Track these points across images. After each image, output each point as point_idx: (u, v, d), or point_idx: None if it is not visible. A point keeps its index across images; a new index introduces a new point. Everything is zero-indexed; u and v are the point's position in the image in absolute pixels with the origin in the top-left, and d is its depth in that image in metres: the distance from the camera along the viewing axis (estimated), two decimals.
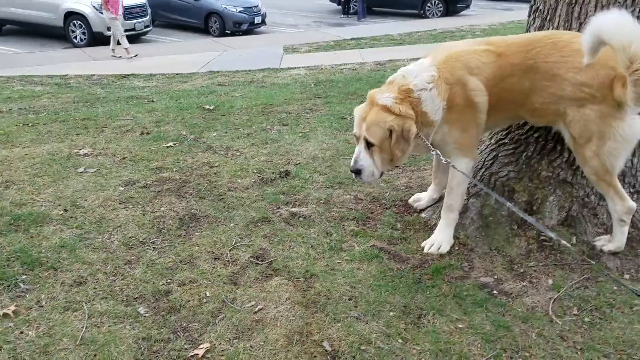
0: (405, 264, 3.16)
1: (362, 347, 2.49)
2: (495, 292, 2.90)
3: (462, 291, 2.88)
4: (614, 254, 3.09)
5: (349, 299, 2.84)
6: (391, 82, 3.05)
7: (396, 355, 2.44)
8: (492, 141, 3.63)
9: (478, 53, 2.98)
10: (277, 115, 6.06)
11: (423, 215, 3.68)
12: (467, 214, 3.43)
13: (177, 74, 11.32)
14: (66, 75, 10.97)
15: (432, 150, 3.04)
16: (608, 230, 3.20)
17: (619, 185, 3.00)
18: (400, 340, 2.54)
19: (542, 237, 3.22)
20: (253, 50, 14.48)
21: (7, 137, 5.08)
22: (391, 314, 2.72)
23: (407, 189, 4.02)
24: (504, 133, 3.56)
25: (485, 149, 3.67)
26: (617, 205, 3.00)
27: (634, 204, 3.01)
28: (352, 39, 15.72)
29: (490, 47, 2.99)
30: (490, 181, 3.48)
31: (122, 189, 4.03)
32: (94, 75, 11.19)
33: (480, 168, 3.58)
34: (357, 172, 3.04)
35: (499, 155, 3.52)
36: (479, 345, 2.51)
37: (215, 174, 4.32)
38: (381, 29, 17.99)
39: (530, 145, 3.41)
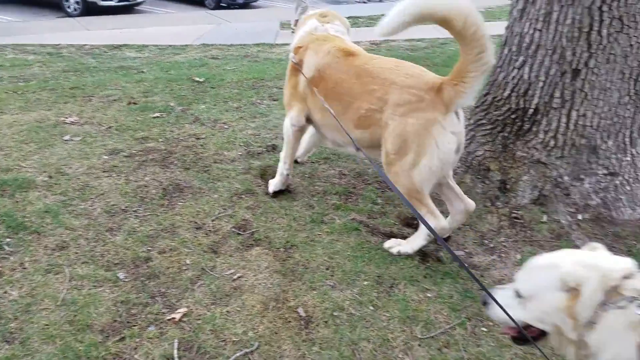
0: (382, 236, 3.25)
1: (335, 313, 2.59)
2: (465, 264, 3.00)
3: (433, 263, 2.98)
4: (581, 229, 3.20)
5: (326, 269, 2.93)
6: None
7: (366, 321, 2.55)
8: (471, 121, 3.70)
9: (336, 44, 3.24)
10: (267, 89, 6.09)
11: None
12: None
13: (170, 46, 11.23)
14: (58, 44, 10.86)
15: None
16: (579, 210, 3.30)
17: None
18: (371, 307, 2.64)
19: (513, 215, 3.32)
20: (249, 25, 14.37)
21: None
22: (365, 283, 2.82)
23: None
24: (483, 114, 3.63)
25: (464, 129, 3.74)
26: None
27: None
28: (349, 18, 15.61)
29: (345, 49, 3.21)
30: (467, 160, 3.56)
31: (106, 157, 4.08)
32: (87, 45, 11.08)
33: None
34: None
35: (477, 135, 3.60)
36: (445, 314, 2.62)
37: (201, 145, 4.37)
38: (383, 8, 17.83)
39: (507, 126, 3.49)
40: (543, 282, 1.59)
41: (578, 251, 1.69)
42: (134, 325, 2.48)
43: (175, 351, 2.34)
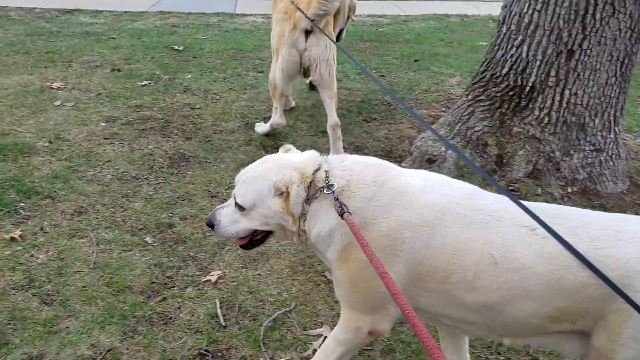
0: None
1: None
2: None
3: None
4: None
5: None
6: None
7: None
8: (469, 97, 3.90)
9: None
10: (250, 61, 6.06)
11: (403, 164, 3.93)
12: (444, 164, 3.72)
13: (126, 12, 10.79)
14: (6, 6, 10.22)
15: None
16: (568, 184, 3.59)
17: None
18: None
19: (510, 187, 3.56)
20: None
21: None
22: None
23: (387, 140, 4.25)
24: (481, 90, 3.83)
25: (462, 104, 3.94)
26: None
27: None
28: None
29: None
30: (466, 135, 3.76)
31: (104, 124, 4.00)
32: (36, 8, 10.47)
33: (457, 122, 3.86)
34: None
35: (476, 110, 3.80)
36: None
37: (198, 116, 4.36)
38: None
39: (505, 103, 3.71)
40: (259, 192, 1.77)
41: (279, 156, 1.92)
42: (173, 287, 2.54)
43: (219, 310, 2.42)
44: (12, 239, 2.67)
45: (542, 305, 1.51)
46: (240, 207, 1.81)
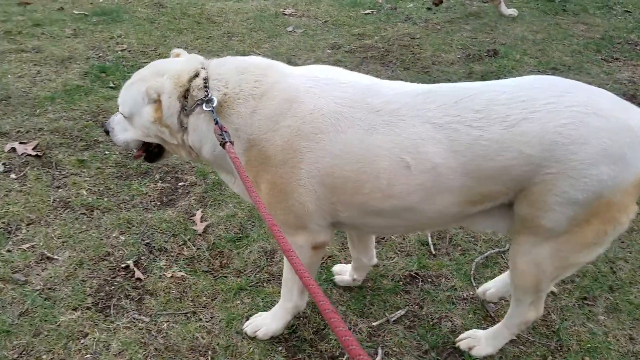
0: None
1: None
2: None
3: None
4: None
5: None
6: None
7: (622, 242, 2.44)
8: None
9: None
10: None
11: None
12: None
13: None
14: None
15: None
16: None
17: None
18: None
19: None
20: None
21: None
22: None
23: (630, 83, 3.71)
24: None
25: None
26: None
27: None
28: None
29: None
30: None
31: (329, 51, 4.19)
32: None
33: None
34: None
35: None
36: None
37: (417, 46, 4.30)
38: None
39: None
40: (134, 100, 1.62)
41: (161, 61, 1.73)
42: None
43: (429, 238, 2.45)
44: None
45: (461, 195, 1.44)
46: (124, 115, 1.71)
